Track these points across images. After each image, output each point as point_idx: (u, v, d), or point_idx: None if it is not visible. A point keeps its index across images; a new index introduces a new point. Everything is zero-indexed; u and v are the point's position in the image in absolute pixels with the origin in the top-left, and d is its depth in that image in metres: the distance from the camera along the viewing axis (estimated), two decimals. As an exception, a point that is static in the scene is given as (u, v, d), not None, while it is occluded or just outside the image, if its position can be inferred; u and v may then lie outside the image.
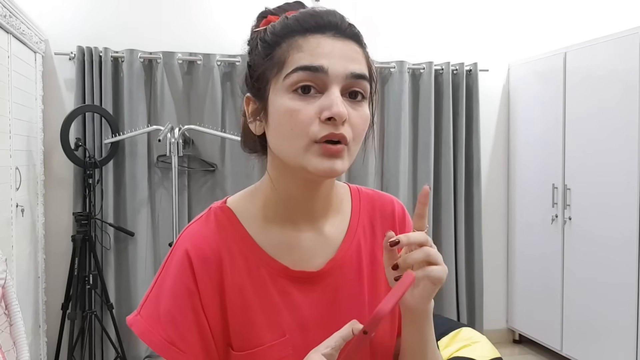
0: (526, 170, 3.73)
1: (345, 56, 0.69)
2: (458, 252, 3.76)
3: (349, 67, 0.68)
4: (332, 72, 0.67)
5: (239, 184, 3.36)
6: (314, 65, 0.67)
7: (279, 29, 0.71)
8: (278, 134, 0.71)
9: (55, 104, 3.27)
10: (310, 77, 0.67)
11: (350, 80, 0.69)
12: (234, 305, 0.75)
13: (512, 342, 3.93)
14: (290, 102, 0.68)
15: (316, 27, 0.69)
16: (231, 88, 3.44)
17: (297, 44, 0.69)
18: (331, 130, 0.67)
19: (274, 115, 0.70)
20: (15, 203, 2.63)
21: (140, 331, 0.74)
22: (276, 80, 0.70)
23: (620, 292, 2.93)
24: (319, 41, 0.69)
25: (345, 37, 0.70)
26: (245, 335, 0.75)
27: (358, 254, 0.81)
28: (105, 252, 3.28)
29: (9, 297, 1.45)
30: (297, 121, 0.67)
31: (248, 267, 0.76)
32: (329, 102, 0.67)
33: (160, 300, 0.75)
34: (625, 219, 2.89)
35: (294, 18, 0.71)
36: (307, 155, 0.69)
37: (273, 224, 0.78)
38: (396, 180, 3.63)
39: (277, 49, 0.70)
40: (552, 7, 3.96)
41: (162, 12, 3.44)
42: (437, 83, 3.74)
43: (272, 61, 0.70)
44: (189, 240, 0.76)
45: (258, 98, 0.73)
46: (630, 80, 2.84)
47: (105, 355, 3.27)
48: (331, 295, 0.78)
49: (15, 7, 2.56)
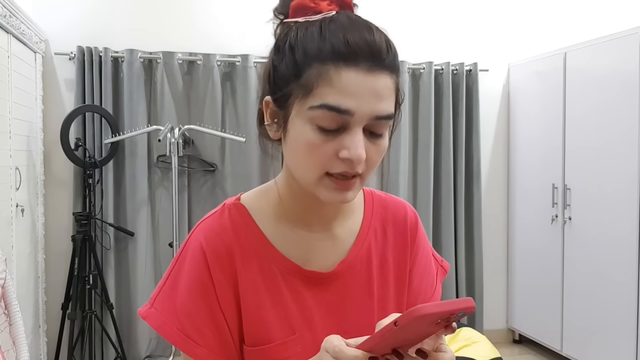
0: (526, 170, 3.73)
1: (374, 95, 0.65)
2: (458, 252, 3.76)
3: (375, 108, 0.65)
4: (358, 114, 0.65)
5: (239, 184, 3.36)
6: (341, 108, 0.64)
7: (310, 49, 0.66)
8: (294, 158, 0.71)
9: (55, 104, 3.27)
10: (335, 118, 0.65)
11: (374, 121, 0.66)
12: (247, 301, 0.75)
13: (512, 342, 3.93)
14: (311, 135, 0.66)
15: (351, 56, 0.64)
16: (231, 88, 3.44)
17: (328, 76, 0.64)
18: (346, 169, 0.67)
19: (293, 138, 0.69)
20: (15, 203, 2.63)
21: (157, 324, 0.74)
22: (301, 104, 0.67)
23: (621, 293, 2.93)
24: (350, 77, 0.64)
25: (380, 68, 0.65)
26: (257, 331, 0.75)
27: (368, 256, 0.82)
28: (105, 252, 3.28)
29: (9, 297, 1.45)
30: (315, 155, 0.67)
31: (260, 264, 0.76)
32: (350, 143, 0.65)
33: (175, 293, 0.75)
34: (625, 219, 2.89)
35: (329, 39, 0.65)
36: (319, 186, 0.69)
37: (286, 223, 0.79)
38: (396, 180, 3.63)
39: (307, 71, 0.65)
40: (552, 7, 3.96)
41: (162, 12, 3.44)
42: (437, 83, 3.74)
43: (299, 83, 0.66)
44: (202, 235, 0.77)
45: (279, 107, 0.70)
46: (630, 80, 2.84)
47: (105, 355, 3.27)
48: (340, 297, 0.79)
49: (15, 7, 2.56)
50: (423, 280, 0.87)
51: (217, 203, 0.84)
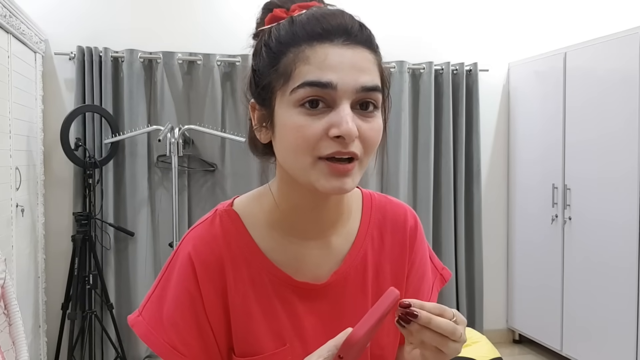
0: (526, 170, 3.73)
1: (355, 67, 0.64)
2: (458, 252, 3.76)
3: (359, 79, 0.64)
4: (341, 87, 0.63)
5: (239, 184, 3.36)
6: (322, 82, 0.63)
7: (284, 37, 0.66)
8: (284, 149, 0.68)
9: (55, 104, 3.27)
10: (318, 93, 0.63)
11: (360, 93, 0.65)
12: (236, 311, 0.74)
13: (512, 342, 3.93)
14: (297, 118, 0.64)
15: (324, 34, 0.65)
16: (231, 88, 3.44)
17: (304, 55, 0.64)
18: (338, 149, 0.64)
19: (280, 128, 0.67)
20: (15, 203, 2.63)
21: (143, 333, 0.74)
22: (282, 92, 0.66)
23: (621, 292, 2.93)
24: (327, 52, 0.64)
25: (356, 43, 0.65)
26: (247, 341, 0.74)
27: (364, 265, 0.79)
28: (105, 252, 3.28)
29: (9, 297, 1.45)
30: (304, 137, 0.64)
31: (251, 274, 0.75)
32: (338, 118, 0.63)
33: (162, 303, 0.74)
34: (625, 219, 2.89)
35: (301, 24, 0.66)
36: (314, 173, 0.66)
37: (279, 231, 0.77)
38: (396, 180, 3.63)
39: (283, 59, 0.66)
40: (552, 7, 3.96)
41: (162, 12, 3.44)
42: (437, 83, 3.74)
43: (277, 72, 0.66)
44: (192, 244, 0.75)
45: (264, 107, 0.70)
46: (630, 80, 2.84)
47: (105, 355, 3.27)
48: (334, 308, 0.77)
49: (15, 7, 2.56)
50: (419, 289, 0.84)
51: (216, 203, 0.83)
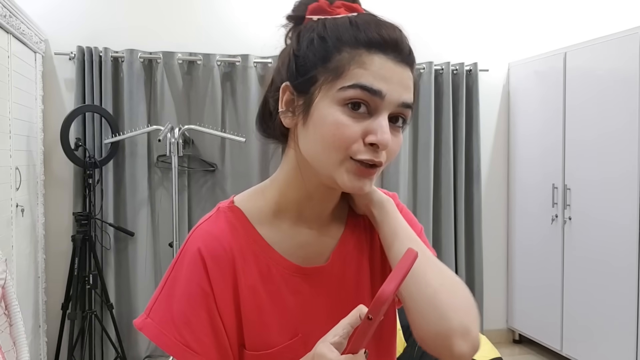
0: (526, 170, 3.73)
1: (402, 84, 0.69)
2: (458, 252, 3.76)
3: (403, 95, 0.69)
4: (388, 98, 0.68)
5: (239, 184, 3.36)
6: (374, 88, 0.67)
7: (344, 35, 0.69)
8: (316, 141, 0.70)
9: (55, 104, 3.27)
10: (366, 97, 0.67)
11: (399, 108, 0.69)
12: (247, 306, 0.74)
13: (512, 342, 3.93)
14: (339, 115, 0.68)
15: (383, 45, 0.68)
16: (231, 88, 3.44)
17: (362, 60, 0.68)
18: (372, 157, 0.68)
19: (317, 121, 0.69)
20: (15, 203, 2.63)
21: (153, 334, 0.73)
22: (329, 87, 0.68)
23: (621, 292, 2.93)
24: (383, 63, 0.68)
25: (405, 63, 0.70)
26: (259, 335, 0.75)
27: (359, 243, 0.83)
28: (105, 252, 3.28)
29: (9, 297, 1.45)
30: (342, 135, 0.67)
31: (259, 267, 0.76)
32: (378, 128, 0.67)
33: (172, 302, 0.73)
34: (625, 219, 2.89)
35: (361, 28, 0.69)
36: (340, 170, 0.69)
37: (284, 222, 0.78)
38: (396, 180, 3.63)
39: (337, 56, 0.68)
40: (552, 7, 3.96)
41: (162, 12, 3.44)
42: (437, 83, 3.74)
43: (328, 66, 0.69)
44: (200, 240, 0.75)
45: (301, 94, 0.71)
46: (630, 80, 2.84)
47: (105, 355, 3.27)
48: (339, 287, 0.80)
49: (15, 7, 2.56)
50: None
51: (216, 203, 0.83)
